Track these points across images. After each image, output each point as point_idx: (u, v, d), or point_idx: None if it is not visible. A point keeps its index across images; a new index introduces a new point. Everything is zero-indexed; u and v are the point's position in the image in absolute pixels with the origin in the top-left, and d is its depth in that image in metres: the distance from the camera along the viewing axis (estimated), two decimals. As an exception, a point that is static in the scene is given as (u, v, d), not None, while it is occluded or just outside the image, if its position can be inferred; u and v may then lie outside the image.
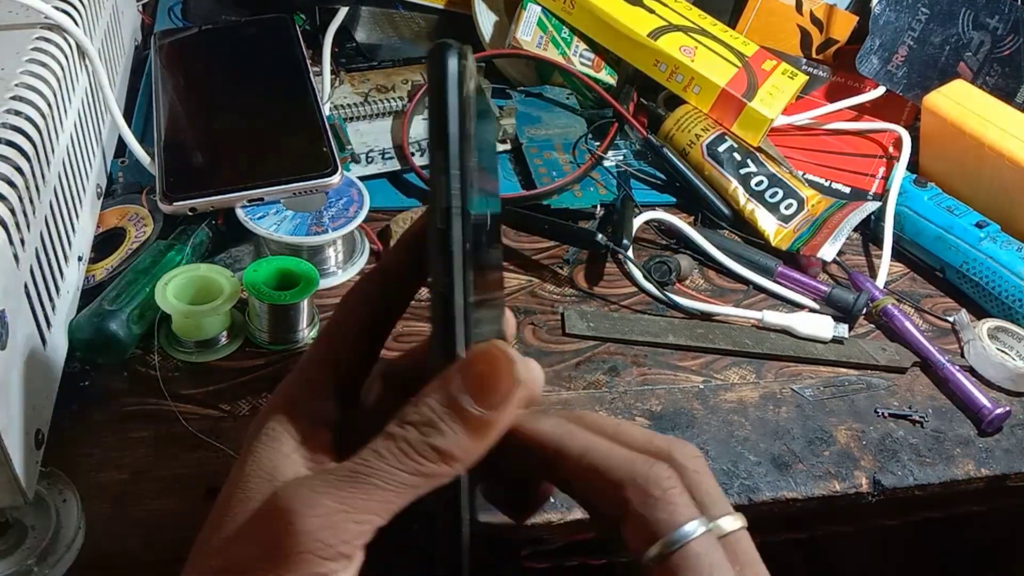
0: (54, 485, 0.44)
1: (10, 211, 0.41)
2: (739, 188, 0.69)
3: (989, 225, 0.66)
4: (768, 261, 0.66)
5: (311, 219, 0.58)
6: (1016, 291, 0.63)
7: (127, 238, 0.58)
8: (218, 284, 0.53)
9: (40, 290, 0.45)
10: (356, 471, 0.26)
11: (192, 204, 0.55)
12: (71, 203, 0.52)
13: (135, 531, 0.44)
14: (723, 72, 0.72)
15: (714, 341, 0.60)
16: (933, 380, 0.60)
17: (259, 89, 0.65)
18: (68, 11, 0.54)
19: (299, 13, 0.75)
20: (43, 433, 0.44)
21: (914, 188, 0.70)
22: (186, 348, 0.53)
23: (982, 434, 0.56)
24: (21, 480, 0.39)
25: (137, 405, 0.50)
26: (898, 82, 0.77)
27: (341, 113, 0.69)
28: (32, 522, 0.42)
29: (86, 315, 0.51)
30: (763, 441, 0.54)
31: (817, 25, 0.80)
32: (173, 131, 0.60)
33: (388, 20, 0.82)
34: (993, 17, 0.72)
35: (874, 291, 0.64)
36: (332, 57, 0.73)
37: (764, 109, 0.71)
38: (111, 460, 0.47)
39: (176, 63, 0.67)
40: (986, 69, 0.74)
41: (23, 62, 0.49)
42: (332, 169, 0.57)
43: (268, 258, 0.56)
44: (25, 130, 0.45)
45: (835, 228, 0.66)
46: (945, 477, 0.54)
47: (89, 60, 0.56)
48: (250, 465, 0.28)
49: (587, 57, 0.76)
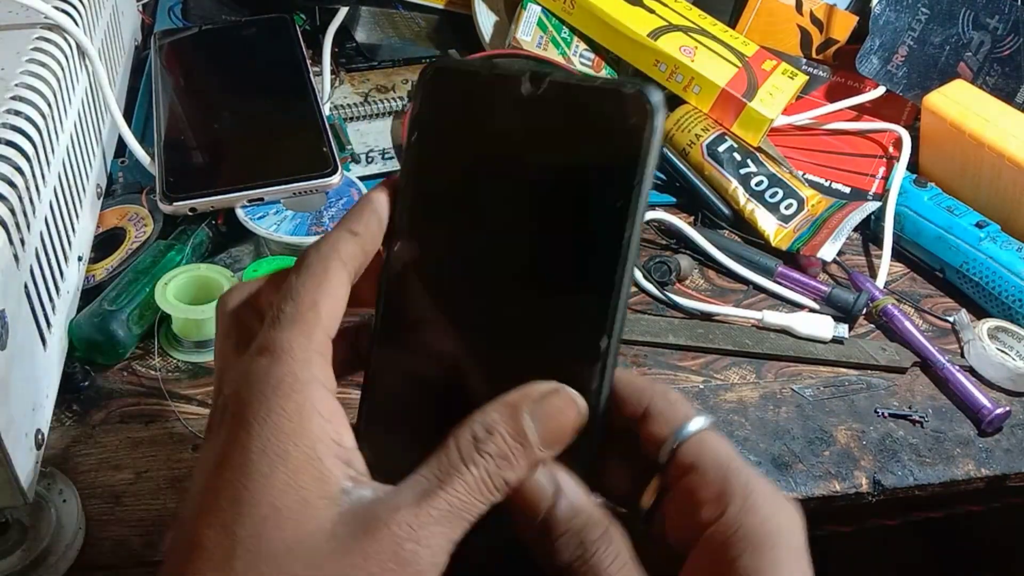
0: (54, 485, 0.44)
1: (10, 211, 0.41)
2: (739, 188, 0.69)
3: (989, 225, 0.66)
4: (768, 261, 0.66)
5: (311, 219, 0.58)
6: (1016, 291, 0.63)
7: (127, 238, 0.58)
8: (218, 284, 0.53)
9: (40, 290, 0.45)
10: (451, 503, 0.26)
11: (192, 204, 0.55)
12: (71, 203, 0.52)
13: (135, 531, 0.44)
14: (723, 72, 0.72)
15: (714, 341, 0.60)
16: (933, 380, 0.60)
17: (259, 89, 0.65)
18: (68, 11, 0.54)
19: (299, 13, 0.75)
20: (43, 433, 0.43)
21: (914, 188, 0.70)
22: (186, 348, 0.53)
23: (982, 434, 0.56)
24: (21, 480, 0.39)
25: (137, 405, 0.50)
26: (898, 82, 0.77)
27: (341, 113, 0.69)
28: (32, 522, 0.42)
29: (86, 315, 0.51)
30: (763, 441, 0.54)
31: (817, 25, 0.80)
32: (173, 131, 0.60)
33: (388, 20, 0.82)
34: (993, 17, 0.72)
35: (874, 291, 0.64)
36: (332, 57, 0.73)
37: (764, 109, 0.71)
38: (111, 460, 0.47)
39: (176, 63, 0.67)
40: (986, 69, 0.74)
41: (23, 62, 0.49)
42: (332, 169, 0.57)
43: (268, 258, 0.56)
44: (25, 130, 0.45)
45: (835, 228, 0.66)
46: (945, 477, 0.54)
47: (89, 60, 0.56)
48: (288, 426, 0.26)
49: (587, 57, 0.76)
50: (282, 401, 0.26)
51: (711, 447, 0.30)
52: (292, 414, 0.26)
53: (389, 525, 0.25)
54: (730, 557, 0.28)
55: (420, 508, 0.26)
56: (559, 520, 0.29)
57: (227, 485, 0.26)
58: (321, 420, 0.27)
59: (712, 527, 0.29)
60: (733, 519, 0.29)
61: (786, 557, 0.28)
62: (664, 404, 0.31)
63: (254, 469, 0.26)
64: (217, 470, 0.26)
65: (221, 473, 0.26)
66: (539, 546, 0.29)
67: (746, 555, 0.28)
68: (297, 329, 0.28)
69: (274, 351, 0.27)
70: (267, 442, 0.26)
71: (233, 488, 0.26)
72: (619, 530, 0.30)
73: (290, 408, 0.26)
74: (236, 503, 0.26)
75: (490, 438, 0.27)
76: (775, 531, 0.29)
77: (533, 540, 0.29)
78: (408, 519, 0.25)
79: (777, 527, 0.29)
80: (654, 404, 0.31)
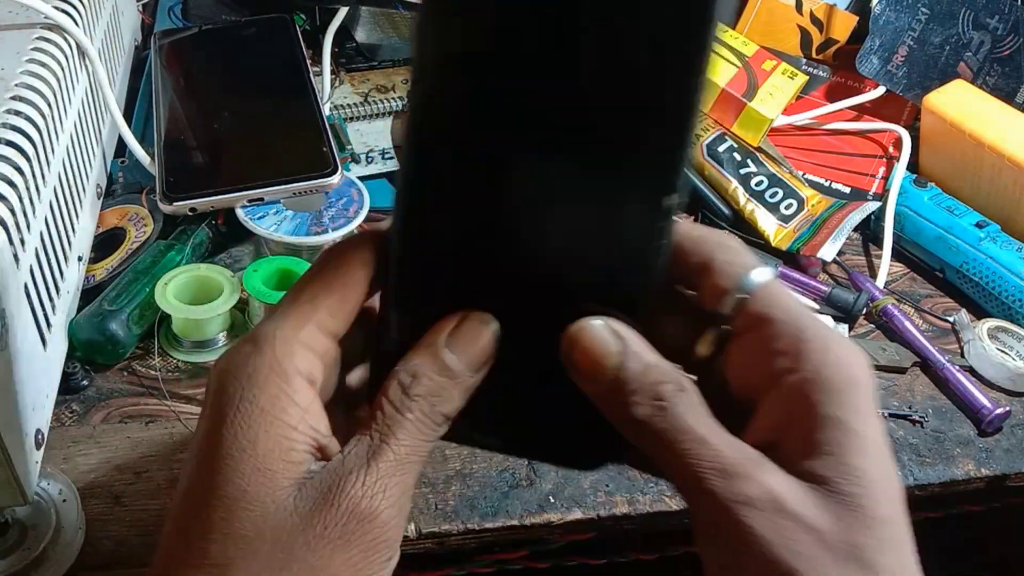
0: (54, 485, 0.44)
1: (10, 211, 0.41)
2: (739, 188, 0.69)
3: (989, 225, 0.66)
4: (768, 261, 0.66)
5: (311, 219, 0.58)
6: (1016, 291, 0.63)
7: (127, 238, 0.58)
8: (218, 284, 0.53)
9: (40, 290, 0.45)
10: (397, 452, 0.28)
11: (192, 204, 0.55)
12: (71, 203, 0.52)
13: (135, 531, 0.44)
14: (723, 72, 0.72)
15: (714, 341, 0.60)
16: (933, 380, 0.60)
17: (259, 89, 0.65)
18: (68, 11, 0.54)
19: (299, 13, 0.75)
20: (43, 433, 0.43)
21: (914, 188, 0.70)
22: (186, 348, 0.53)
23: (982, 434, 0.56)
24: (21, 480, 0.39)
25: (137, 405, 0.50)
26: (898, 82, 0.77)
27: (341, 113, 0.69)
28: (32, 522, 0.42)
29: (86, 315, 0.51)
30: (763, 441, 0.54)
31: (817, 25, 0.80)
32: (173, 131, 0.60)
33: (388, 20, 0.82)
34: (993, 17, 0.72)
35: (874, 291, 0.64)
36: (332, 57, 0.73)
37: (764, 109, 0.71)
38: (111, 460, 0.47)
39: (176, 63, 0.67)
40: (986, 69, 0.74)
41: (23, 62, 0.49)
42: (332, 169, 0.57)
43: (268, 258, 0.56)
44: (25, 130, 0.45)
45: (835, 228, 0.66)
46: (945, 477, 0.54)
47: (89, 60, 0.56)
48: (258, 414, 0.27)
49: (587, 57, 0.76)
50: (256, 390, 0.27)
51: (781, 298, 0.30)
52: (265, 403, 0.27)
53: (344, 488, 0.27)
54: (810, 404, 0.29)
55: (370, 466, 0.27)
56: (630, 377, 0.29)
57: (203, 470, 0.27)
58: (297, 409, 0.27)
59: (790, 376, 0.29)
60: (812, 368, 0.29)
61: (864, 403, 0.29)
62: (726, 254, 0.31)
63: (226, 454, 0.27)
64: (195, 457, 0.28)
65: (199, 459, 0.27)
66: (608, 403, 0.30)
67: (827, 401, 0.29)
68: (286, 322, 0.28)
69: (257, 341, 0.28)
70: (239, 428, 0.27)
71: (208, 473, 0.27)
72: (691, 382, 0.30)
73: (263, 398, 0.27)
74: (210, 488, 0.27)
75: (416, 381, 0.28)
76: (854, 379, 0.29)
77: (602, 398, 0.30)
78: (361, 479, 0.27)
79: (856, 376, 0.29)
80: (716, 255, 0.31)
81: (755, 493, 0.27)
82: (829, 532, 0.27)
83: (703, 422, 0.29)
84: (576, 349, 0.30)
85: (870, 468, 0.29)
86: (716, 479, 0.28)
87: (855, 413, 0.29)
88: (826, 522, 0.27)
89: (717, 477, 0.28)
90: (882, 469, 0.29)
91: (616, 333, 0.29)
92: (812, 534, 0.27)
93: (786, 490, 0.28)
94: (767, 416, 0.30)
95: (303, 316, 0.28)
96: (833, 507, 0.28)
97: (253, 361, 0.28)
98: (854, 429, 0.29)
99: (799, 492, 0.28)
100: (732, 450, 0.28)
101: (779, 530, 0.27)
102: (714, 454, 0.28)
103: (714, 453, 0.28)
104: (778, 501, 0.27)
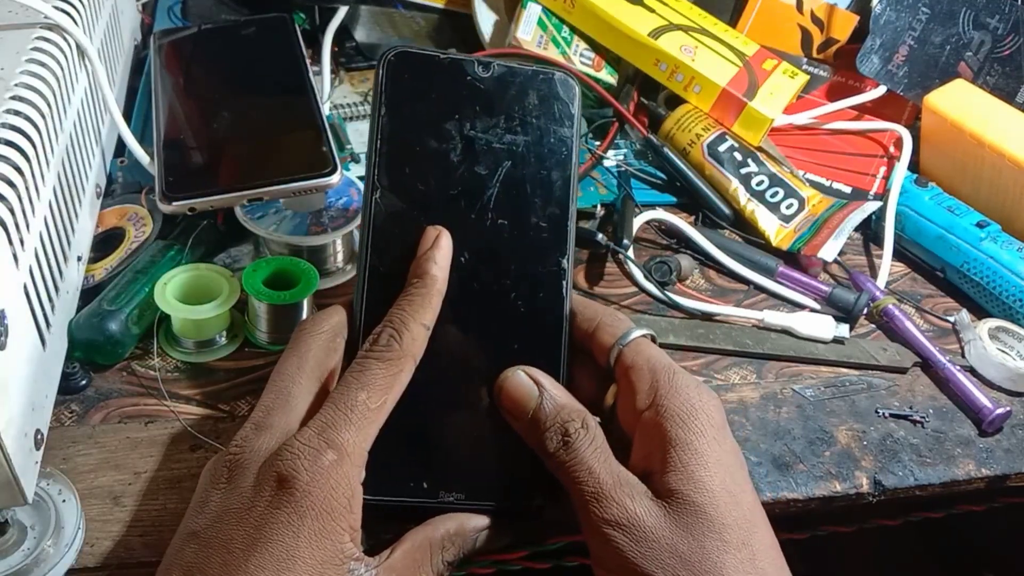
0: (54, 485, 0.44)
1: (10, 211, 0.41)
2: (740, 188, 0.69)
3: (990, 225, 0.66)
4: (769, 261, 0.66)
5: (311, 219, 0.58)
6: (1017, 291, 0.63)
7: (126, 238, 0.58)
8: (218, 284, 0.53)
9: (40, 290, 0.45)
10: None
11: (192, 204, 0.55)
12: (71, 203, 0.52)
13: (135, 531, 0.44)
14: (724, 71, 0.72)
15: (714, 341, 0.60)
16: (934, 380, 0.60)
17: (259, 88, 0.65)
18: (68, 11, 0.54)
19: (299, 12, 0.75)
20: (43, 433, 0.43)
21: (915, 188, 0.70)
22: (185, 348, 0.53)
23: (983, 434, 0.56)
24: (21, 480, 0.39)
25: (137, 405, 0.50)
26: (899, 82, 0.77)
27: (341, 113, 0.69)
28: (32, 522, 0.42)
29: (85, 315, 0.51)
30: (764, 441, 0.54)
31: (818, 24, 0.80)
32: (172, 131, 0.60)
33: (388, 20, 0.82)
34: (993, 17, 0.72)
35: (875, 291, 0.64)
36: (332, 56, 0.73)
37: (765, 109, 0.71)
38: (111, 460, 0.47)
39: (176, 63, 0.67)
40: (986, 69, 0.74)
41: (23, 62, 0.48)
42: (332, 169, 0.57)
43: (268, 258, 0.55)
44: (25, 130, 0.45)
45: (836, 228, 0.66)
46: (946, 477, 0.53)
47: (89, 60, 0.56)
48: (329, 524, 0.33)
49: (587, 56, 0.76)
50: (332, 501, 0.33)
51: (645, 350, 0.39)
52: (336, 513, 0.32)
53: None
54: (661, 431, 0.36)
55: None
56: (545, 415, 0.37)
57: (262, 550, 0.32)
58: (350, 516, 0.33)
59: (648, 411, 0.37)
60: (661, 401, 0.36)
61: (707, 427, 0.36)
62: (610, 320, 0.41)
63: (289, 551, 0.31)
64: (254, 531, 0.32)
65: (258, 537, 0.32)
66: (530, 438, 0.37)
67: (673, 428, 0.36)
68: (364, 431, 0.34)
69: (341, 451, 0.33)
70: (311, 533, 0.32)
71: (269, 555, 0.31)
72: (594, 421, 0.37)
73: (336, 507, 0.32)
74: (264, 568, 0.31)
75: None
76: (696, 408, 0.36)
77: (525, 434, 0.38)
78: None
79: (698, 406, 0.36)
80: (603, 320, 0.40)
81: (617, 515, 0.34)
82: (680, 541, 0.33)
83: (596, 455, 0.35)
84: (503, 393, 0.38)
85: (711, 480, 0.35)
86: (592, 503, 0.35)
87: (699, 435, 0.35)
88: (677, 533, 0.34)
89: (593, 502, 0.35)
90: (723, 480, 0.35)
91: (534, 379, 0.38)
92: (662, 544, 0.33)
93: (643, 511, 0.34)
94: (639, 446, 0.37)
95: (375, 422, 0.35)
96: (684, 519, 0.34)
97: (335, 474, 0.33)
98: (696, 448, 0.35)
99: (654, 510, 0.34)
100: (611, 478, 0.35)
101: (635, 544, 0.34)
102: (595, 482, 0.35)
103: (596, 481, 0.35)
104: (636, 519, 0.34)
